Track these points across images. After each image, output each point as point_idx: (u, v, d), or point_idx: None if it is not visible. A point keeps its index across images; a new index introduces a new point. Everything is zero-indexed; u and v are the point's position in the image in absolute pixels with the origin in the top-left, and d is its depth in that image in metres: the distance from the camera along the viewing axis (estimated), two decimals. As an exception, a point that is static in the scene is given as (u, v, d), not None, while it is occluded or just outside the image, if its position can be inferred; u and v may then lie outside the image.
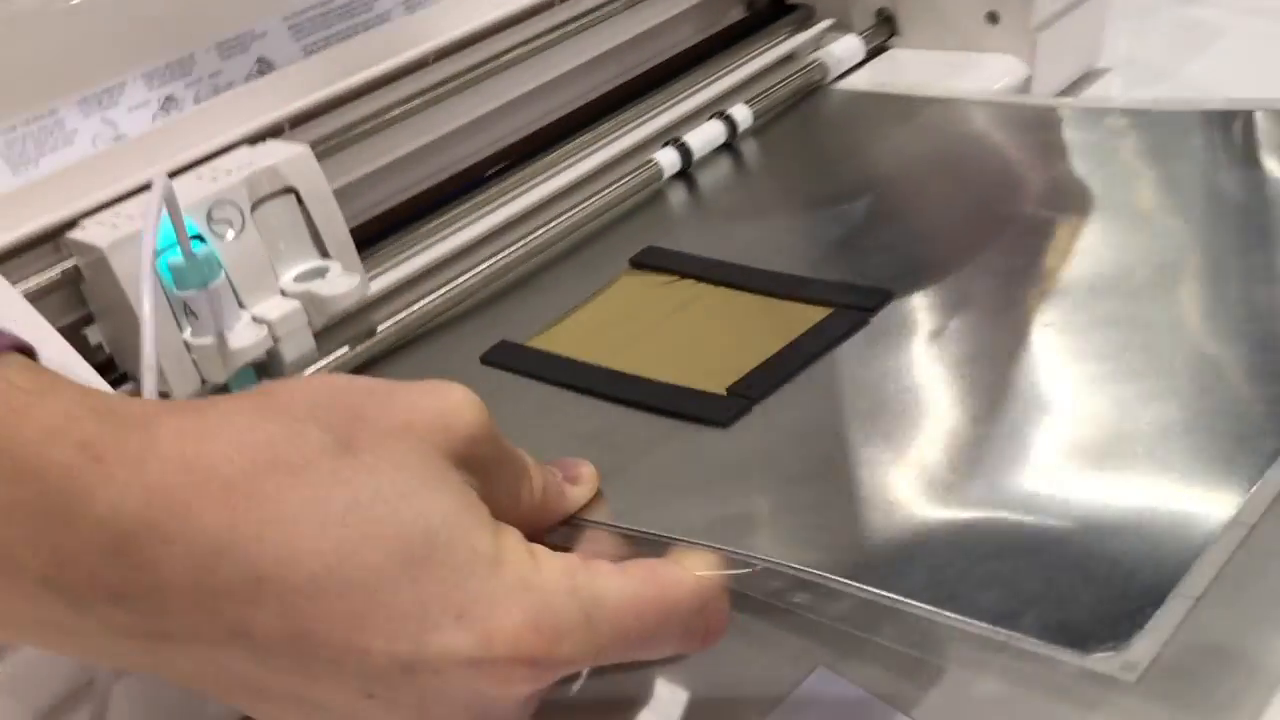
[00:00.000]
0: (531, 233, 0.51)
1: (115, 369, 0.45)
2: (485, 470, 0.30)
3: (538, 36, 0.59)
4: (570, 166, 0.56)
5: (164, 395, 0.43)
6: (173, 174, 0.45)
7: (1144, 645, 0.25)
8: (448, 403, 0.30)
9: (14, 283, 0.42)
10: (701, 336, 0.43)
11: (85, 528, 0.25)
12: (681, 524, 0.33)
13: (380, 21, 0.58)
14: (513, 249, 0.50)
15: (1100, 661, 0.25)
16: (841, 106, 0.60)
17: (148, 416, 0.27)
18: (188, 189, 0.44)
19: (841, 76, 0.63)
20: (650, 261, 0.49)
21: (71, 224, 0.44)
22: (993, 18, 0.60)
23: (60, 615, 0.26)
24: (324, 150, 0.50)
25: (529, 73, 0.59)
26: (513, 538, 0.29)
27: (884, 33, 0.64)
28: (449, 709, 0.27)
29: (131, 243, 0.41)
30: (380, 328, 0.46)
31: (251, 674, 0.27)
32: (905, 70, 0.62)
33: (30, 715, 0.31)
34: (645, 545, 0.32)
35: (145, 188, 0.45)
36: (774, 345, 0.41)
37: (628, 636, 0.29)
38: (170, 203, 0.40)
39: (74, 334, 0.44)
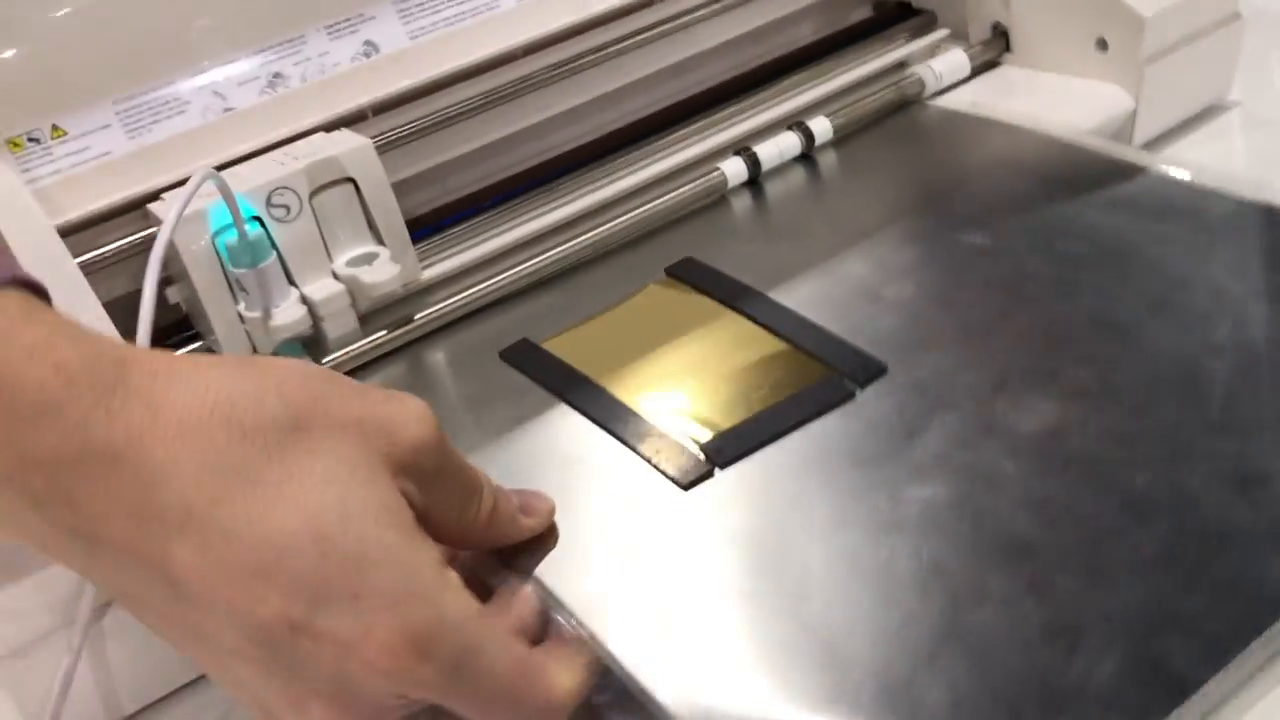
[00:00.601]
0: (582, 234, 0.53)
1: (190, 327, 0.50)
2: (428, 480, 0.33)
3: (643, 30, 0.60)
4: (641, 169, 0.57)
5: (218, 358, 0.49)
6: (247, 157, 0.50)
7: None
8: (400, 412, 0.33)
9: (106, 243, 0.48)
10: (702, 372, 0.45)
11: (50, 438, 0.29)
12: (600, 596, 0.35)
13: (489, 10, 0.61)
14: (560, 250, 0.52)
15: None
16: (932, 125, 0.59)
17: (123, 354, 0.30)
18: (255, 173, 0.48)
19: (944, 91, 0.62)
20: (683, 274, 0.50)
21: (155, 196, 0.49)
22: (1102, 44, 0.58)
23: (16, 509, 0.30)
24: (405, 136, 0.54)
25: (636, 64, 0.61)
26: (432, 553, 0.32)
27: (997, 48, 0.63)
28: (314, 678, 0.30)
29: (196, 220, 0.46)
30: (418, 316, 0.50)
31: (161, 597, 0.30)
32: (1009, 90, 0.61)
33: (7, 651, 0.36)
34: (553, 620, 0.35)
35: (227, 164, 0.50)
36: (760, 401, 0.42)
37: (475, 699, 0.31)
38: (224, 190, 0.45)
39: (162, 293, 0.49)
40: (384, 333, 0.49)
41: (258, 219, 0.47)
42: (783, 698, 0.32)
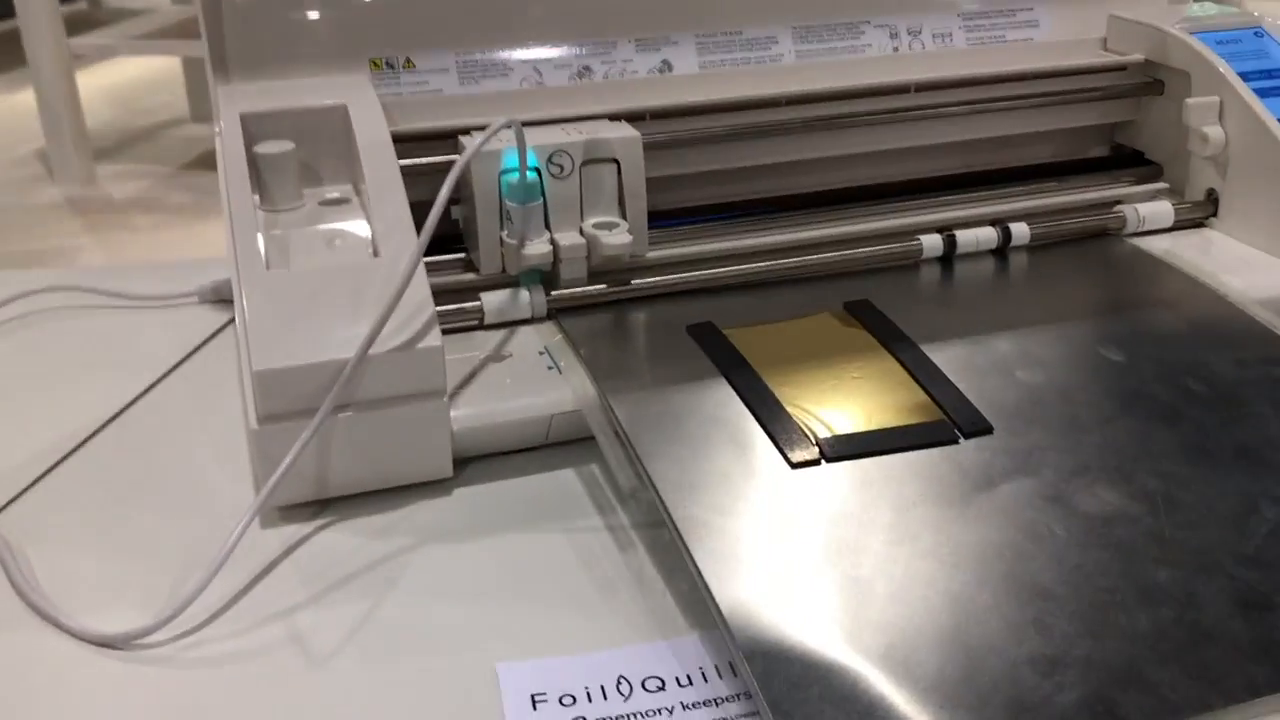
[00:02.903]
0: (787, 260, 0.63)
1: (461, 242, 0.62)
2: None
3: (895, 110, 0.69)
4: (853, 223, 0.66)
5: (474, 271, 0.60)
6: (547, 122, 0.62)
7: None
8: None
9: (422, 155, 0.60)
10: (841, 387, 0.53)
11: None
12: (699, 518, 0.45)
13: (772, 61, 0.71)
14: (765, 265, 0.62)
15: None
16: (1121, 258, 0.66)
17: None
18: (545, 134, 0.60)
19: (1144, 234, 0.68)
20: (856, 311, 0.59)
21: (467, 130, 0.61)
22: (1295, 230, 0.63)
23: None
24: (671, 143, 0.65)
25: (879, 137, 0.70)
26: None
27: (1205, 210, 0.69)
28: None
29: (492, 158, 0.58)
30: (634, 281, 0.60)
31: None
32: (1203, 248, 0.66)
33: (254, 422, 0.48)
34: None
35: (528, 124, 0.62)
36: (878, 423, 0.51)
37: None
38: (519, 137, 0.56)
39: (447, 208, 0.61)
40: (604, 286, 0.60)
41: (537, 170, 0.59)
42: (811, 630, 0.41)
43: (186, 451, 0.55)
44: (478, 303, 0.58)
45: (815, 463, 0.49)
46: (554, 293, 0.59)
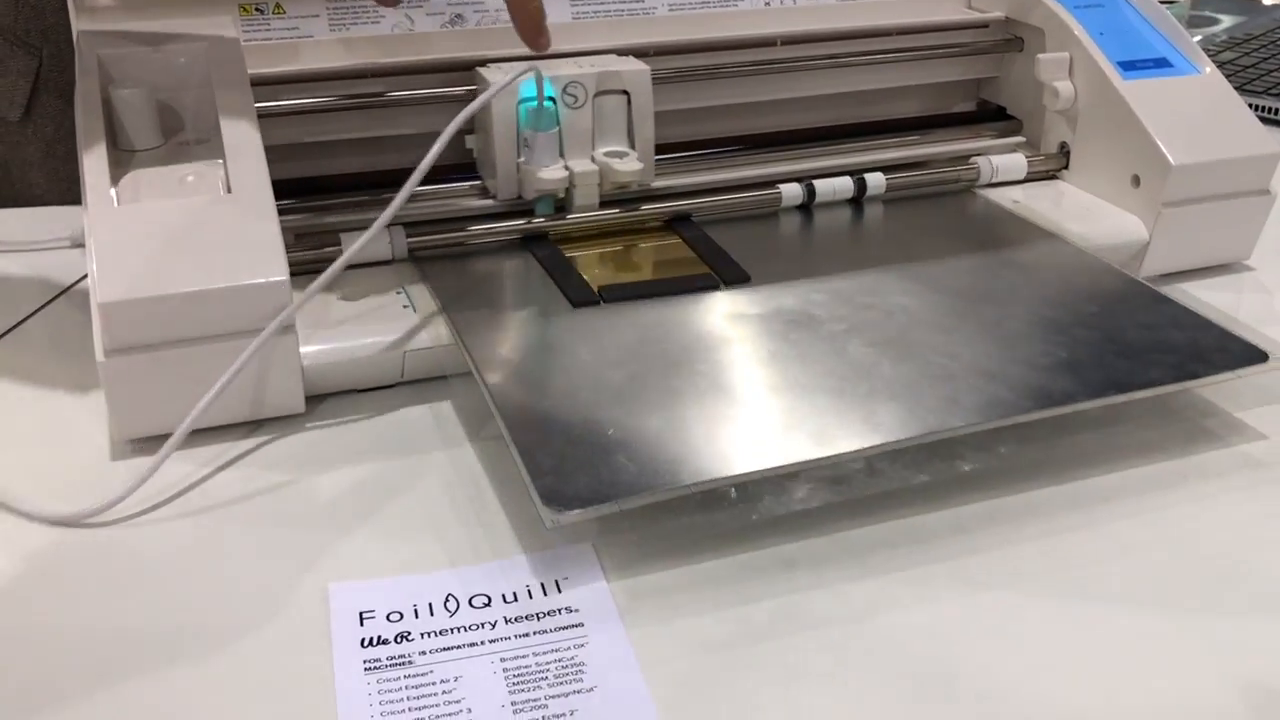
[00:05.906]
0: (659, 207, 0.65)
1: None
2: None
3: (766, 63, 0.71)
4: (719, 171, 0.68)
5: (491, 199, 0.64)
6: (560, 55, 0.64)
7: (570, 516, 0.43)
8: None
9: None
10: (631, 256, 0.62)
11: None
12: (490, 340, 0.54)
13: (644, 12, 0.72)
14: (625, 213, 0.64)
15: (543, 509, 0.43)
16: (972, 209, 0.69)
17: None
18: (560, 67, 0.63)
19: (1000, 185, 0.71)
20: (674, 224, 0.66)
21: (485, 62, 0.63)
22: (1135, 181, 0.66)
23: None
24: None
25: (751, 89, 0.72)
26: None
27: (1058, 163, 0.73)
28: None
29: (508, 92, 0.60)
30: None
31: None
32: (1052, 199, 0.70)
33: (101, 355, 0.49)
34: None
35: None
36: (654, 276, 0.60)
37: None
38: (537, 75, 0.60)
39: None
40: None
41: (553, 99, 0.62)
42: (565, 409, 0.48)
43: (43, 387, 0.56)
44: (337, 245, 0.59)
45: (594, 303, 0.57)
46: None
